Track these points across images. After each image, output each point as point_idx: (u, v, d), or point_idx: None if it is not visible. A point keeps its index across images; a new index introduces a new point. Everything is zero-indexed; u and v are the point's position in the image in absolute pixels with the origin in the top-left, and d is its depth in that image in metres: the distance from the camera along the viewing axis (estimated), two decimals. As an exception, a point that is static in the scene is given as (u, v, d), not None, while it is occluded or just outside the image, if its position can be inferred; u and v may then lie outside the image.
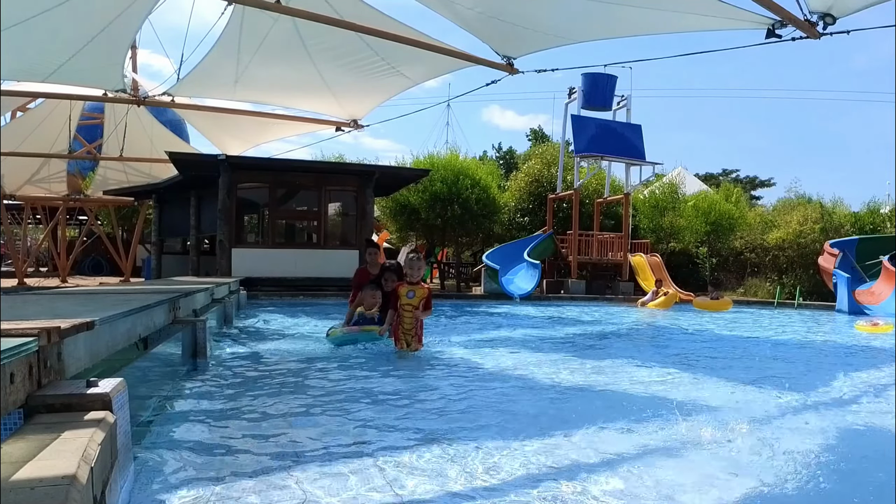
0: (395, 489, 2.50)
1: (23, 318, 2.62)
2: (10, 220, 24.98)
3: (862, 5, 6.60)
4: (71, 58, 10.10)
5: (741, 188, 27.34)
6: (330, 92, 12.86)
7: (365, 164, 19.23)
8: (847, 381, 5.45)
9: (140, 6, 9.36)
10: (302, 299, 13.87)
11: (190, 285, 7.83)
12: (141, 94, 12.82)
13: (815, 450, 3.18)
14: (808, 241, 20.08)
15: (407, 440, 3.21)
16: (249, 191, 16.51)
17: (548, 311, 13.38)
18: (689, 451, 3.13)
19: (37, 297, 4.82)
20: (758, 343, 8.72)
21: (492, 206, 20.52)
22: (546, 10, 8.88)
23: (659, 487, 2.59)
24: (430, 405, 4.08)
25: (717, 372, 5.83)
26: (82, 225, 28.26)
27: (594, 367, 5.92)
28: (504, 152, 41.28)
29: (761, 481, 2.69)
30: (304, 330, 8.53)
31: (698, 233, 21.48)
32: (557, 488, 2.56)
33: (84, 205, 22.00)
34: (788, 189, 31.58)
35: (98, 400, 2.15)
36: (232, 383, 4.64)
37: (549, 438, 3.28)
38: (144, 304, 3.95)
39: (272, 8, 9.04)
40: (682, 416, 3.77)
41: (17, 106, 18.49)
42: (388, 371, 5.32)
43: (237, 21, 10.57)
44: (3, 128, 18.18)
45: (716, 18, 7.70)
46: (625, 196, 20.08)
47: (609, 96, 19.99)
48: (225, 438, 3.16)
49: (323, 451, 2.99)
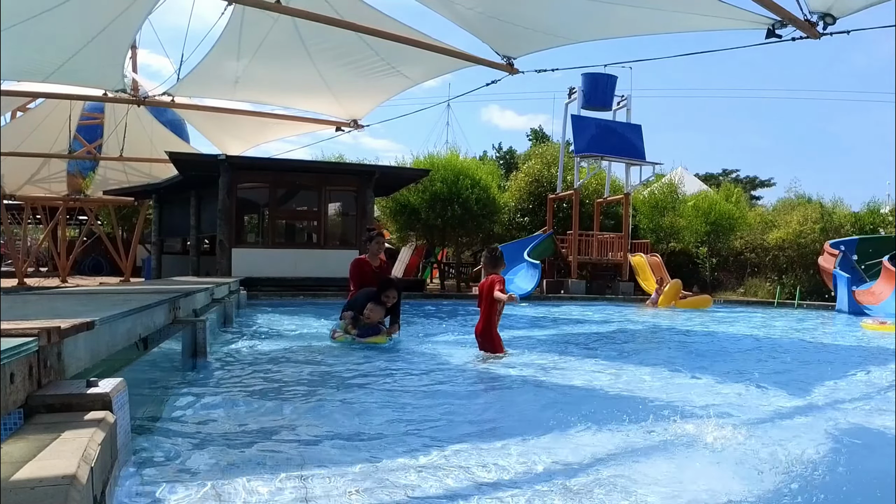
0: (395, 488, 2.50)
1: (23, 318, 2.62)
2: (10, 220, 24.99)
3: (862, 5, 6.61)
4: (71, 58, 10.10)
5: (741, 188, 27.33)
6: (330, 92, 12.87)
7: (365, 164, 19.23)
8: (848, 381, 5.45)
9: (140, 6, 9.36)
10: (302, 299, 13.87)
11: (190, 285, 7.83)
12: (141, 94, 12.83)
13: (815, 450, 3.18)
14: (808, 241, 20.09)
15: (408, 440, 3.21)
16: (249, 191, 16.51)
17: (548, 311, 13.38)
18: (689, 451, 3.13)
19: (37, 297, 4.82)
20: (758, 343, 8.72)
21: (492, 206, 20.52)
22: (546, 10, 8.88)
23: (659, 487, 2.59)
24: (431, 405, 4.08)
25: (718, 372, 5.82)
26: (82, 225, 28.26)
27: (595, 366, 5.92)
28: (504, 152, 41.27)
29: (762, 481, 2.69)
30: (304, 330, 8.53)
31: (698, 233, 21.48)
32: (558, 488, 2.56)
33: (84, 205, 22.00)
34: (788, 189, 31.58)
35: (98, 400, 2.15)
36: (232, 383, 4.64)
37: (549, 438, 3.27)
38: (144, 304, 3.95)
39: (272, 8, 9.05)
40: (682, 417, 3.76)
41: (17, 106, 18.50)
42: (388, 371, 5.32)
43: (237, 21, 10.57)
44: (3, 128, 18.18)
45: (716, 18, 7.71)
46: (625, 196, 20.08)
47: (609, 96, 19.99)
48: (225, 438, 3.16)
49: (323, 451, 2.99)
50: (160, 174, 18.88)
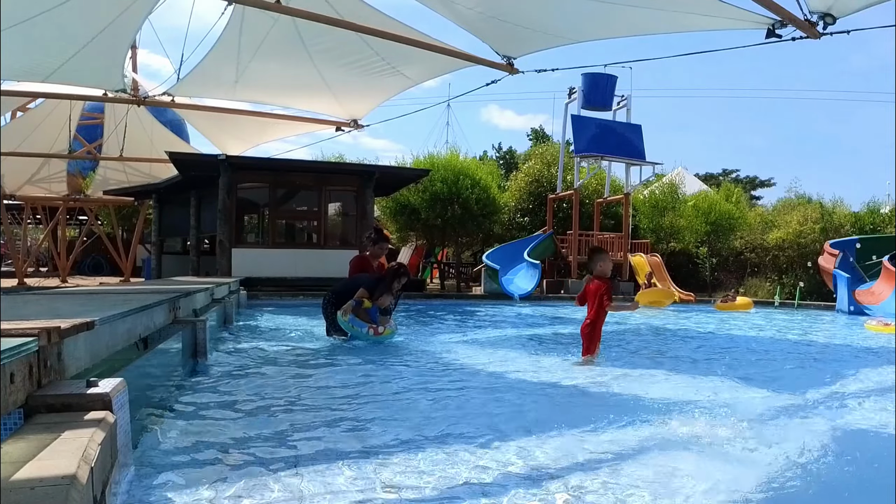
0: (395, 488, 2.50)
1: (23, 318, 2.62)
2: (10, 220, 25.00)
3: (862, 5, 6.60)
4: (71, 58, 10.09)
5: (741, 188, 27.34)
6: (330, 92, 12.86)
7: (365, 165, 19.24)
8: (848, 381, 5.44)
9: (140, 6, 9.35)
10: (302, 299, 13.85)
11: (190, 285, 7.83)
12: (141, 94, 12.82)
13: (816, 450, 3.18)
14: (808, 241, 20.09)
15: (408, 440, 3.20)
16: (249, 191, 16.51)
17: (547, 310, 13.37)
18: (688, 451, 3.13)
19: (37, 297, 4.82)
20: (758, 343, 8.72)
21: (492, 207, 20.52)
22: (546, 10, 8.87)
23: (658, 486, 2.59)
24: (431, 405, 4.07)
25: (718, 371, 5.82)
26: (82, 225, 28.27)
27: (594, 366, 5.92)
28: (504, 152, 41.29)
29: (761, 481, 2.69)
30: (304, 330, 8.53)
31: (698, 233, 21.48)
32: (558, 488, 2.56)
33: (84, 205, 22.01)
34: (788, 189, 31.64)
35: (98, 400, 2.14)
36: (232, 383, 4.64)
37: (549, 438, 3.27)
38: (144, 304, 3.95)
39: (272, 8, 9.04)
40: (681, 416, 3.76)
41: (17, 106, 18.47)
42: (388, 370, 5.32)
43: (237, 21, 10.56)
44: (3, 128, 18.18)
45: (716, 18, 7.70)
46: (625, 196, 20.08)
47: (609, 96, 19.99)
48: (225, 438, 3.16)
49: (324, 451, 2.99)
50: (160, 174, 18.88)
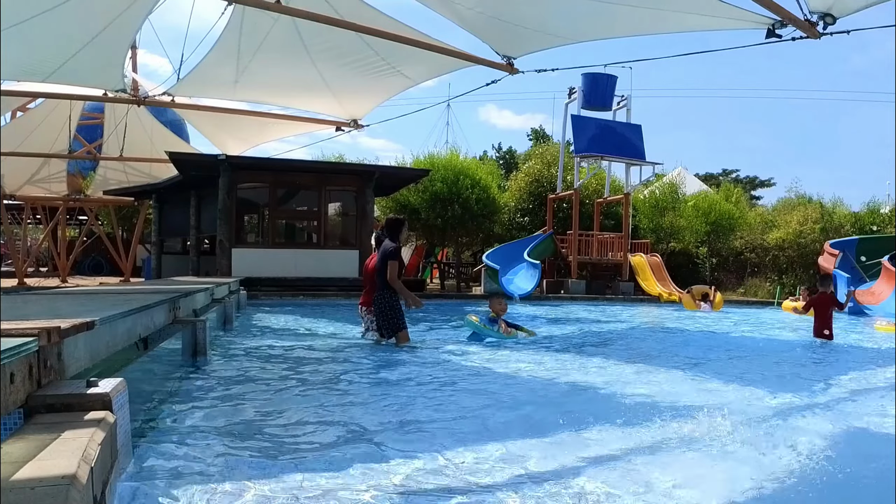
0: (395, 488, 2.50)
1: (23, 318, 2.62)
2: (10, 220, 24.99)
3: (862, 5, 6.60)
4: (71, 58, 10.09)
5: (741, 188, 27.35)
6: (330, 92, 12.86)
7: (365, 164, 19.23)
8: (849, 381, 5.44)
9: (140, 6, 9.35)
10: (302, 299, 13.87)
11: (190, 285, 7.83)
12: (141, 94, 12.81)
13: (816, 450, 3.18)
14: (808, 241, 20.09)
15: (409, 440, 3.20)
16: (249, 191, 16.51)
17: (547, 310, 13.37)
18: (688, 451, 3.13)
19: (37, 297, 4.82)
20: (757, 343, 8.71)
21: (492, 206, 20.52)
22: (546, 10, 8.87)
23: (657, 486, 2.59)
24: (431, 405, 4.07)
25: (717, 371, 5.82)
26: (82, 225, 28.26)
27: (596, 367, 5.92)
28: (504, 152, 41.29)
29: (762, 481, 2.69)
30: (304, 330, 8.53)
31: (698, 233, 21.48)
32: (557, 488, 2.56)
33: (84, 205, 22.00)
34: (788, 189, 31.65)
35: (98, 400, 2.15)
36: (232, 383, 4.64)
37: (548, 438, 3.27)
38: (144, 304, 3.95)
39: (272, 8, 9.04)
40: (681, 416, 3.76)
41: (17, 106, 18.47)
42: (389, 370, 5.32)
43: (237, 21, 10.56)
44: (3, 128, 18.17)
45: (716, 18, 7.70)
46: (625, 196, 20.08)
47: (609, 96, 19.98)
48: (225, 438, 3.16)
49: (324, 450, 2.99)
50: (160, 174, 18.87)
